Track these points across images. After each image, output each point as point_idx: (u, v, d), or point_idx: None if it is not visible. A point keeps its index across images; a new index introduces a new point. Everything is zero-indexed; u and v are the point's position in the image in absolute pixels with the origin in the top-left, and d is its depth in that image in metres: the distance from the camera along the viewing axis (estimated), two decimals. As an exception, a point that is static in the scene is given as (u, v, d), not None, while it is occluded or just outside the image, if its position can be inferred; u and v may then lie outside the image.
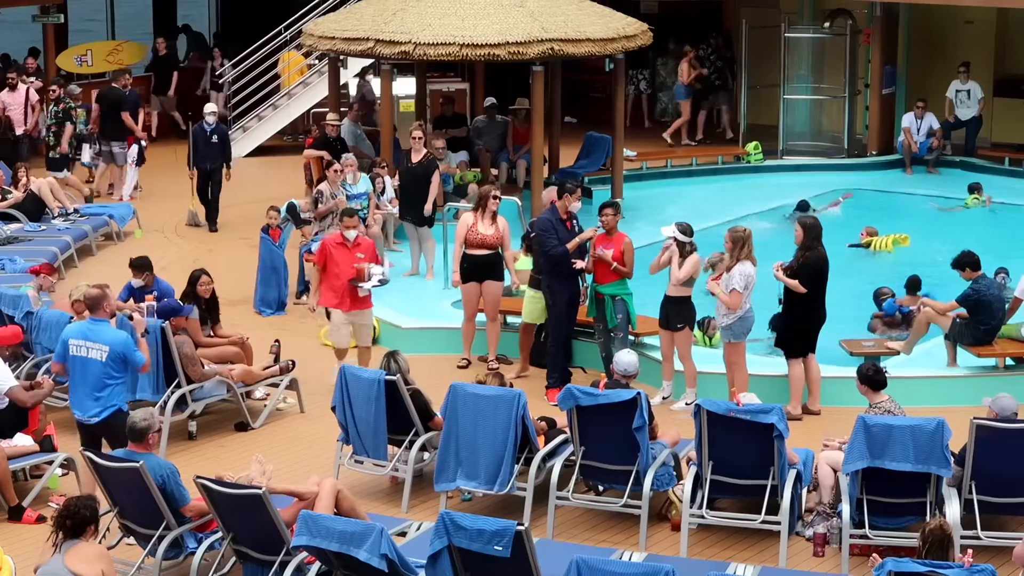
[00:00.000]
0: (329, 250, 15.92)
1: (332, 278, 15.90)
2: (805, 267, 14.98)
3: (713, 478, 12.29)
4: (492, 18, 21.30)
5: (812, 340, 15.23)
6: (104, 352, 12.64)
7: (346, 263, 15.81)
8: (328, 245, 16.00)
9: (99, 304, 12.85)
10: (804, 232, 15.07)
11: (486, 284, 16.64)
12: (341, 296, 15.86)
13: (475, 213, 16.75)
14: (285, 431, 15.14)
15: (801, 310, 15.03)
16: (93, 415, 12.73)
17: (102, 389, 12.68)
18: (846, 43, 28.20)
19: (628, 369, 13.28)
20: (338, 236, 16.06)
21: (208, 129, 22.78)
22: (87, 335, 12.79)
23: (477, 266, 16.59)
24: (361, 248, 15.96)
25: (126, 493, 11.57)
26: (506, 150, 24.69)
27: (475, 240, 16.57)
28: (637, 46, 22.69)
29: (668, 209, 22.83)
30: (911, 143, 26.90)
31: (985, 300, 15.71)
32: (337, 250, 15.87)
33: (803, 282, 14.88)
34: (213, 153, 22.74)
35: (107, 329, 12.83)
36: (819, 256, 15.00)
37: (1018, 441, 11.93)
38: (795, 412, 14.85)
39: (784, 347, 15.29)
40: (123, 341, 12.76)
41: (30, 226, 21.56)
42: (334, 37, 22.07)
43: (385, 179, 21.37)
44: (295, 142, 28.70)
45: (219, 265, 18.15)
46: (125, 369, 12.79)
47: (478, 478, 12.84)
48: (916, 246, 21.64)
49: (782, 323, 15.37)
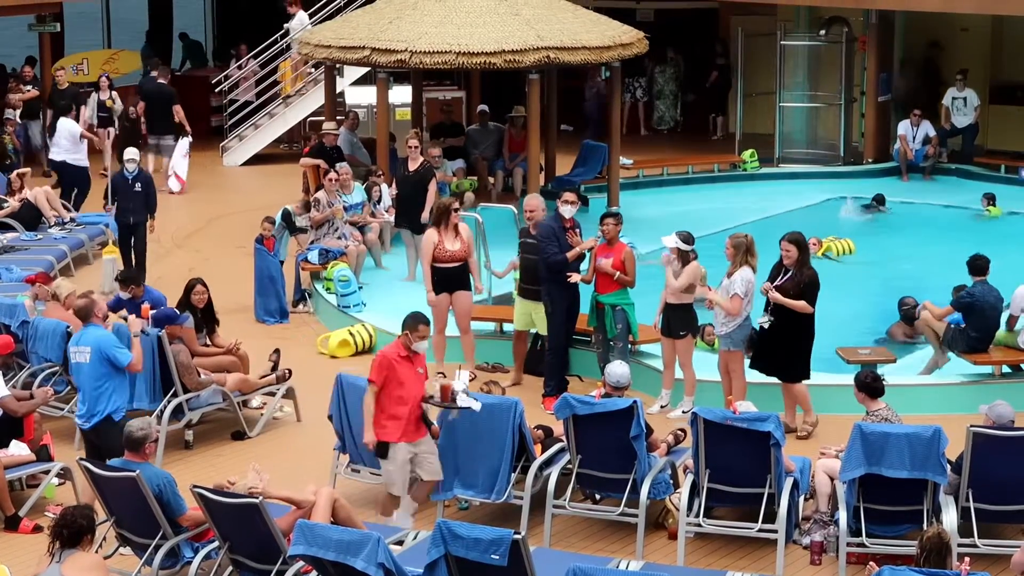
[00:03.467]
0: (392, 366, 12.38)
1: (396, 404, 12.40)
2: (810, 286, 14.57)
3: (710, 486, 12.29)
4: (488, 26, 21.31)
5: (806, 364, 14.86)
6: (87, 353, 12.73)
7: (413, 381, 12.44)
8: (390, 360, 12.39)
9: (89, 312, 12.96)
10: (799, 250, 14.66)
11: (457, 295, 16.49)
12: (405, 425, 12.50)
13: (437, 229, 16.45)
14: (282, 440, 15.14)
15: (803, 332, 14.67)
16: (85, 420, 12.81)
17: (93, 392, 12.75)
18: (842, 50, 28.24)
19: (620, 381, 13.27)
20: (400, 348, 12.46)
21: (129, 177, 20.05)
22: (77, 340, 12.96)
23: (446, 278, 16.44)
24: (420, 361, 12.66)
25: (123, 502, 11.56)
26: (502, 158, 24.73)
27: (444, 256, 16.40)
28: (633, 54, 22.71)
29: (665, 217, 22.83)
30: (907, 150, 26.93)
31: (979, 306, 15.72)
32: (401, 365, 12.40)
33: (810, 302, 14.55)
34: (136, 204, 20.00)
35: (90, 330, 12.89)
36: (814, 273, 14.67)
37: (1015, 449, 11.93)
38: (811, 420, 14.78)
39: (783, 374, 14.90)
40: (103, 338, 12.82)
41: (26, 235, 21.58)
42: (330, 46, 22.08)
43: (382, 188, 21.39)
44: (291, 150, 28.73)
45: (216, 274, 18.14)
46: (115, 371, 12.78)
47: (475, 487, 12.84)
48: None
49: (776, 347, 14.80)
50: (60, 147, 23.93)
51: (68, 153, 23.83)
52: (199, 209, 25.13)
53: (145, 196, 20.02)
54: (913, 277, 20.35)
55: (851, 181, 27.21)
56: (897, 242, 23.18)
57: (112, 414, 12.73)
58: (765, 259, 15.06)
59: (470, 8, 21.65)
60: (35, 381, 14.88)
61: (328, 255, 19.44)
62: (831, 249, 21.73)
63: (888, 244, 23.06)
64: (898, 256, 22.23)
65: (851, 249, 22.06)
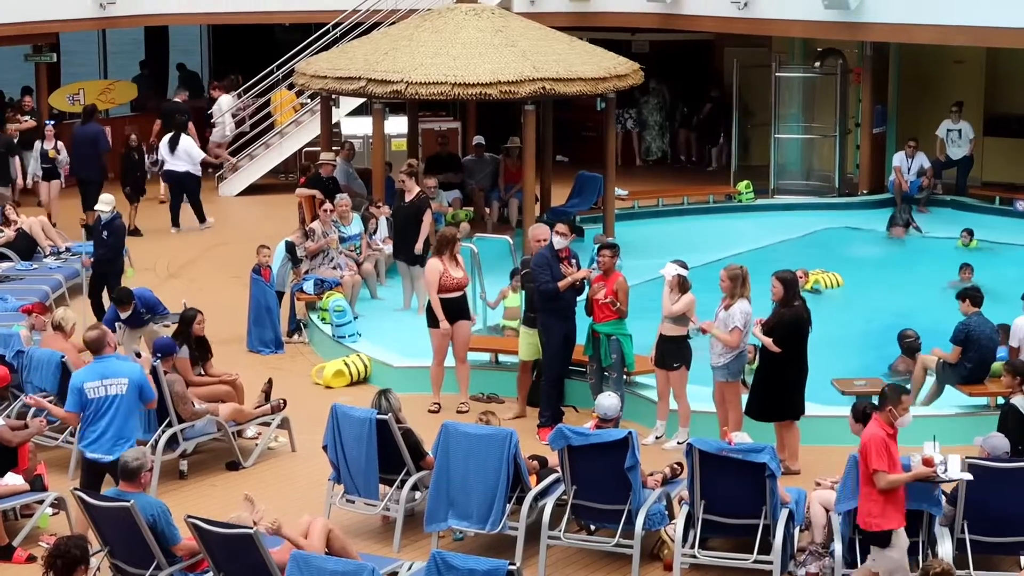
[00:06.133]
0: (888, 447, 11.20)
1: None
2: (780, 325, 14.45)
3: (705, 517, 12.28)
4: (484, 57, 21.37)
5: (796, 404, 14.71)
6: (124, 385, 12.71)
7: (898, 459, 11.27)
8: (884, 441, 11.20)
9: (101, 344, 12.89)
10: (784, 288, 14.54)
11: (458, 324, 16.51)
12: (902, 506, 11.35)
13: (441, 259, 16.56)
14: (276, 470, 15.11)
15: (784, 369, 14.52)
16: (107, 451, 12.65)
17: (126, 422, 12.73)
18: (836, 82, 28.31)
19: (608, 412, 13.28)
20: (884, 426, 11.24)
21: (101, 222, 19.80)
22: (104, 374, 12.77)
23: (449, 307, 16.50)
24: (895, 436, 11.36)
25: (117, 532, 11.54)
26: (498, 189, 24.76)
27: (451, 284, 16.48)
28: (628, 85, 22.78)
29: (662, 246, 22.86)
30: (902, 182, 26.97)
31: (974, 336, 15.77)
32: (892, 444, 11.27)
33: (777, 341, 14.42)
34: (104, 252, 19.79)
35: (121, 362, 12.93)
36: (795, 313, 14.49)
37: (1010, 480, 11.94)
38: (794, 467, 14.68)
39: (765, 416, 14.76)
40: (140, 370, 12.97)
41: (22, 265, 21.58)
42: (326, 76, 22.13)
43: (380, 219, 21.41)
44: (287, 181, 28.77)
45: (210, 304, 18.13)
46: (139, 404, 12.89)
47: (470, 517, 12.82)
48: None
49: (761, 384, 14.70)
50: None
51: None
52: (194, 239, 25.14)
53: (114, 241, 19.69)
54: (900, 311, 20.33)
55: (846, 212, 27.27)
56: (885, 274, 23.19)
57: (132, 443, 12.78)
58: (758, 291, 15.06)
59: (466, 39, 21.72)
60: (29, 411, 14.86)
61: (324, 285, 19.45)
62: (819, 282, 21.73)
63: (877, 276, 23.04)
64: (886, 288, 22.21)
65: (839, 283, 22.05)
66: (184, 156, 25.71)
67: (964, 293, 16.27)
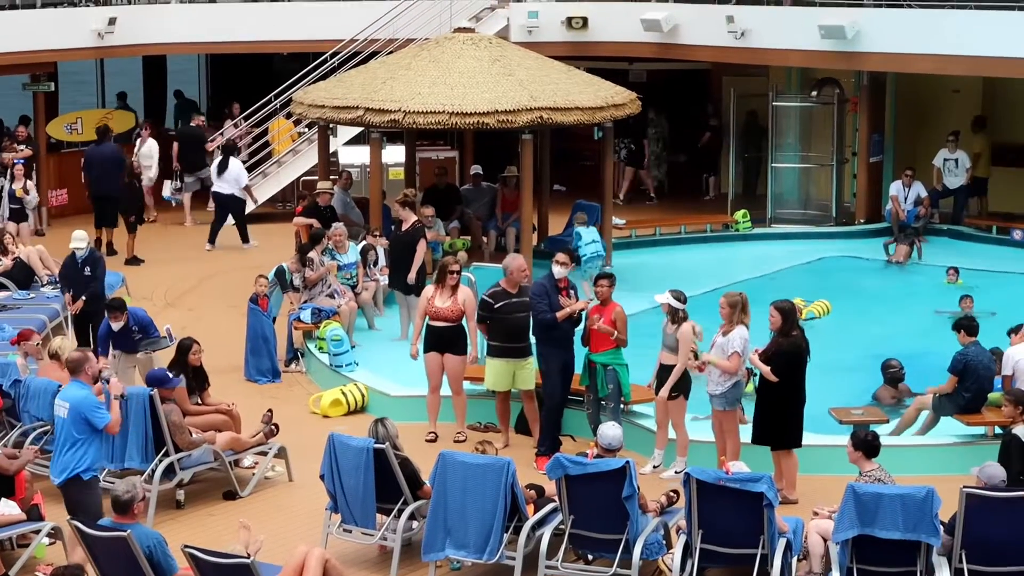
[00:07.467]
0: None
1: None
2: (779, 354, 14.49)
3: (703, 547, 12.25)
4: (481, 87, 21.41)
5: (795, 433, 14.72)
6: (66, 409, 12.72)
7: None
8: None
9: (80, 367, 12.88)
10: (783, 318, 14.57)
11: (446, 358, 16.50)
12: None
13: (435, 286, 16.66)
14: (273, 499, 15.08)
15: (783, 397, 14.54)
16: (56, 475, 12.77)
17: (66, 448, 12.69)
18: (833, 112, 28.38)
19: (611, 443, 13.24)
20: None
21: (79, 259, 19.13)
22: (62, 395, 12.93)
23: (438, 338, 16.50)
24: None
25: (113, 563, 11.50)
26: (495, 218, 24.77)
27: (432, 313, 16.56)
28: (626, 115, 22.82)
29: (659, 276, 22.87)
30: (899, 211, 27.00)
31: (972, 366, 15.79)
32: None
33: (775, 370, 14.45)
34: (95, 286, 19.08)
35: (74, 388, 12.84)
36: (795, 343, 14.52)
37: (1008, 510, 11.92)
38: (791, 496, 14.67)
39: (768, 440, 14.77)
40: (83, 399, 12.72)
41: (19, 294, 21.56)
42: (324, 105, 22.17)
43: (378, 249, 21.42)
44: (285, 209, 28.80)
45: (207, 333, 18.12)
46: (91, 430, 12.70)
47: (467, 547, 12.79)
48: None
49: (761, 412, 14.71)
50: None
51: None
52: (191, 267, 25.14)
53: (91, 279, 19.03)
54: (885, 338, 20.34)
55: (843, 241, 27.30)
56: (880, 302, 23.21)
57: (82, 473, 12.64)
58: (757, 320, 15.07)
59: (463, 69, 21.76)
60: (26, 440, 14.83)
61: (321, 314, 19.44)
62: (813, 311, 21.73)
63: (871, 304, 23.05)
64: (879, 316, 22.24)
65: (828, 309, 22.06)
66: (232, 180, 26.56)
67: (959, 324, 16.31)
